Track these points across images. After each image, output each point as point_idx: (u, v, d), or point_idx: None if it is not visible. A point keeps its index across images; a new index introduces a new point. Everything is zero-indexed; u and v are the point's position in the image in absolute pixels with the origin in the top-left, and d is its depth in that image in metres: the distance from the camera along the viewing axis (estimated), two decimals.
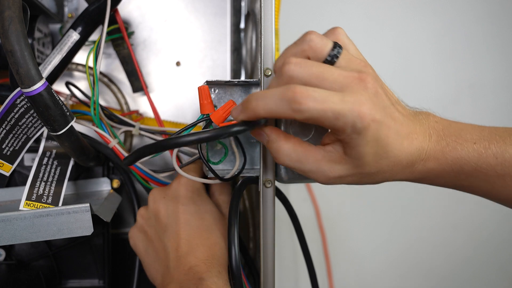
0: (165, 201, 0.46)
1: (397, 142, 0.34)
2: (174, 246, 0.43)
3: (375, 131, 0.33)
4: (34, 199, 0.44)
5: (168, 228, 0.45)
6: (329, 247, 1.06)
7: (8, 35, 0.34)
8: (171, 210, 0.45)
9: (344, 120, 0.32)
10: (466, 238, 1.10)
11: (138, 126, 0.52)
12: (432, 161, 0.36)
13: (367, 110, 0.32)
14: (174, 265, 0.43)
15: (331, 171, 0.36)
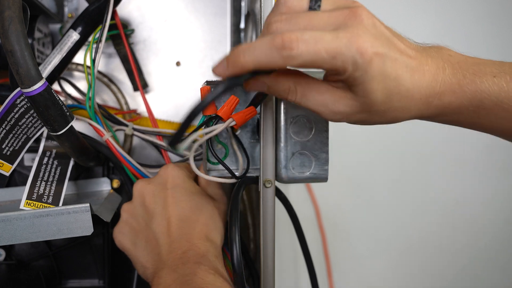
0: (151, 187, 0.44)
1: (407, 75, 0.32)
2: (164, 231, 0.41)
3: (380, 65, 0.30)
4: (34, 199, 0.44)
5: (156, 213, 0.42)
6: (329, 247, 1.06)
7: (8, 35, 0.34)
8: (158, 194, 0.43)
9: (343, 58, 0.30)
10: (467, 238, 1.10)
11: (131, 126, 0.52)
12: (448, 95, 0.33)
13: (366, 43, 0.30)
14: (166, 250, 0.40)
15: (336, 106, 0.33)
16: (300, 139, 0.42)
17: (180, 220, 0.42)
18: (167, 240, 0.41)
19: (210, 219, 0.43)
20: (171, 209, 0.42)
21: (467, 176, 1.08)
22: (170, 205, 0.42)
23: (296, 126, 0.41)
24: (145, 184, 0.45)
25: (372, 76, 0.31)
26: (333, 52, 0.29)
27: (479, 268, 1.10)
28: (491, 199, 1.09)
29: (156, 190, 0.44)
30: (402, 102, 0.33)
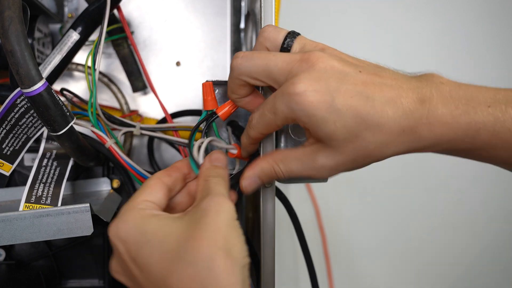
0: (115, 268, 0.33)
1: (375, 109, 0.31)
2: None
3: (324, 103, 0.30)
4: (33, 201, 0.44)
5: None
6: (329, 247, 1.06)
7: (8, 35, 0.34)
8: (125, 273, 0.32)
9: (282, 113, 0.32)
10: (467, 238, 1.10)
11: (138, 126, 0.52)
12: (440, 126, 0.32)
13: (302, 88, 0.31)
14: None
15: (316, 162, 0.34)
16: (300, 139, 0.42)
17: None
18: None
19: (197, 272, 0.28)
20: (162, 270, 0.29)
21: (468, 176, 1.08)
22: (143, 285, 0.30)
23: (296, 126, 0.41)
24: (113, 268, 0.33)
25: (322, 117, 0.31)
26: (272, 110, 0.33)
27: (480, 268, 1.10)
28: (492, 198, 1.09)
29: (124, 272, 0.32)
30: (377, 136, 0.31)
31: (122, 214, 0.32)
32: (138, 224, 0.31)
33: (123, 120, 0.52)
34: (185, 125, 0.53)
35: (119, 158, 0.48)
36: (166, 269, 0.28)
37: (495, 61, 1.05)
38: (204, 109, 0.41)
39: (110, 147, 0.48)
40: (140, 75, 0.60)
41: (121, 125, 0.52)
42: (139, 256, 0.30)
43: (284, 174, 0.36)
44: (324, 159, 0.34)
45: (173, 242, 0.29)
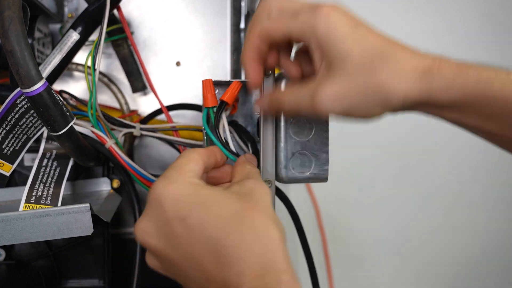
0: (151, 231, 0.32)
1: (394, 46, 0.33)
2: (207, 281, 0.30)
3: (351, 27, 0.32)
4: (33, 201, 0.44)
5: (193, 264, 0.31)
6: (329, 247, 1.06)
7: (8, 35, 0.34)
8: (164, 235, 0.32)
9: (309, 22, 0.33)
10: (468, 238, 1.10)
11: (138, 126, 0.52)
12: (451, 70, 0.32)
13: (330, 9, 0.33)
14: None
15: (324, 91, 0.33)
16: (300, 139, 0.42)
17: (214, 260, 0.29)
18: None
19: (258, 236, 0.30)
20: (190, 250, 0.30)
21: (468, 176, 1.08)
22: (187, 245, 0.30)
23: (296, 126, 0.41)
24: (144, 229, 0.32)
25: (343, 35, 0.32)
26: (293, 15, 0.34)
27: (480, 269, 1.10)
28: (492, 197, 1.09)
29: (160, 233, 0.31)
30: (391, 67, 0.32)
31: (171, 176, 0.32)
32: (191, 187, 0.31)
33: (123, 121, 0.52)
34: (185, 125, 0.53)
35: (119, 158, 0.48)
36: (223, 231, 0.29)
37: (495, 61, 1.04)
38: (204, 106, 0.41)
39: (110, 147, 0.48)
40: (140, 75, 0.60)
41: (121, 126, 0.52)
42: (191, 216, 0.30)
43: (299, 110, 0.36)
44: (331, 86, 0.33)
45: (230, 208, 0.30)
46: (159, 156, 0.61)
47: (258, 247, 0.29)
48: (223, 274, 0.29)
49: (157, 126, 0.53)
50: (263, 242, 0.29)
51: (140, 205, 0.53)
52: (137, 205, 0.54)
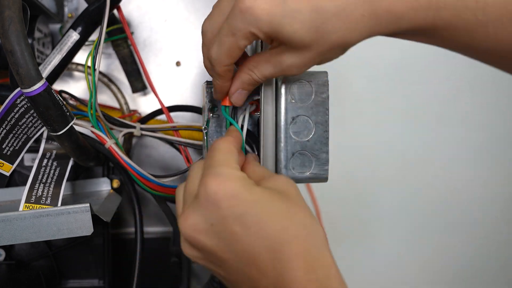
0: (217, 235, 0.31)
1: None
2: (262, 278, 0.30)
3: (280, 8, 0.31)
4: (33, 201, 0.44)
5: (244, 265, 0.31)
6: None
7: (8, 35, 0.34)
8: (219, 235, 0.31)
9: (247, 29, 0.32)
10: (468, 238, 1.10)
11: (139, 126, 0.52)
12: (399, 6, 0.32)
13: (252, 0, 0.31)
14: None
15: (284, 63, 0.34)
16: (300, 139, 0.42)
17: (270, 257, 0.30)
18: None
19: (309, 232, 0.31)
20: (245, 247, 0.30)
21: (469, 176, 1.08)
22: (243, 243, 0.30)
23: (296, 126, 0.41)
24: (194, 225, 0.31)
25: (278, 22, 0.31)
26: (230, 33, 0.33)
27: (480, 269, 1.10)
28: (493, 197, 1.09)
29: (212, 230, 0.31)
30: (337, 25, 0.32)
31: (222, 172, 0.32)
32: (244, 183, 0.32)
33: (123, 121, 0.52)
34: (185, 125, 0.53)
35: (119, 158, 0.48)
36: (278, 228, 0.30)
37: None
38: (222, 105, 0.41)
39: (110, 147, 0.48)
40: (140, 75, 0.60)
41: (121, 126, 0.52)
42: (248, 213, 0.30)
43: (260, 77, 0.37)
44: (291, 59, 0.34)
45: (280, 206, 0.31)
46: (159, 156, 0.61)
47: (310, 243, 0.30)
48: (278, 269, 0.30)
49: (157, 126, 0.53)
50: (313, 238, 0.31)
51: (140, 205, 0.53)
52: (137, 205, 0.54)
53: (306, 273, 0.29)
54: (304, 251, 0.30)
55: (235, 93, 0.38)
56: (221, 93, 0.39)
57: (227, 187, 0.31)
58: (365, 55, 1.06)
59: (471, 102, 1.07)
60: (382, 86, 1.06)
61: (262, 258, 0.30)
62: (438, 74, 1.07)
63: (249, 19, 0.32)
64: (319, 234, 0.31)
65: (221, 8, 0.36)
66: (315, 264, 0.30)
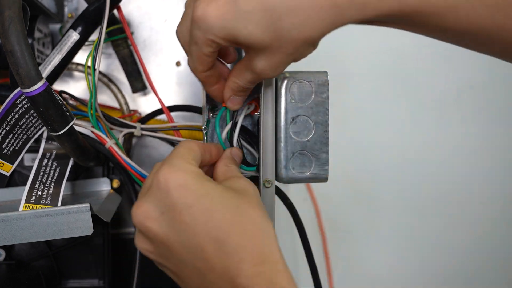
0: (166, 219, 0.32)
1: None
2: (207, 268, 0.31)
3: (232, 12, 0.31)
4: (33, 201, 0.44)
5: (193, 252, 0.31)
6: (329, 247, 1.06)
7: (8, 35, 0.34)
8: (168, 223, 0.32)
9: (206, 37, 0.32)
10: (468, 239, 1.10)
11: (139, 127, 0.52)
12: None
13: (203, 8, 0.32)
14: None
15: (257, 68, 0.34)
16: (300, 139, 0.42)
17: (216, 248, 0.30)
18: (218, 276, 0.30)
19: (258, 228, 0.32)
20: (207, 237, 0.31)
21: (469, 176, 1.08)
22: (203, 233, 0.31)
23: (296, 126, 0.41)
24: (145, 213, 0.32)
25: (232, 26, 0.31)
26: (193, 42, 0.33)
27: (480, 268, 1.10)
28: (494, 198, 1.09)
29: (163, 218, 0.32)
30: (295, 21, 0.31)
31: (176, 163, 0.32)
32: (196, 176, 0.32)
33: (123, 121, 0.52)
34: (186, 125, 0.53)
35: (119, 159, 0.48)
36: (226, 221, 0.31)
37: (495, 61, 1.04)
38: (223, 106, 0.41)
39: (110, 147, 0.48)
40: (140, 75, 0.60)
41: (121, 126, 0.52)
42: (197, 204, 0.31)
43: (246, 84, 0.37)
44: (261, 62, 0.34)
45: (231, 201, 0.32)
46: (159, 156, 0.61)
47: (257, 238, 0.31)
48: (224, 261, 0.30)
49: (157, 126, 0.53)
50: (262, 234, 0.31)
51: None
52: None
53: (252, 267, 0.30)
54: (252, 245, 0.30)
55: (228, 99, 0.39)
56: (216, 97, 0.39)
57: (178, 177, 0.31)
58: (365, 55, 1.06)
59: (471, 102, 1.07)
60: (382, 86, 1.06)
61: (209, 249, 0.30)
62: (438, 74, 1.07)
63: (203, 27, 0.32)
64: (269, 231, 0.32)
65: (187, 13, 0.37)
66: (262, 258, 0.30)
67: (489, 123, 1.07)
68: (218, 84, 0.38)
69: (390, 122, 1.06)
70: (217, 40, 0.32)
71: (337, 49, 1.02)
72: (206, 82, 0.37)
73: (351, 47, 1.05)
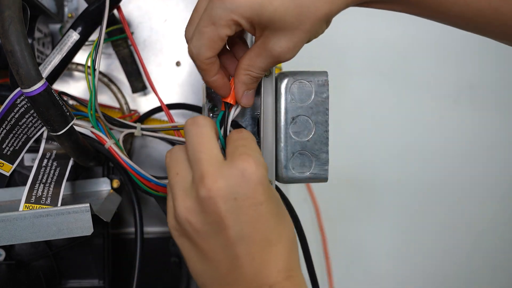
0: (237, 204, 0.32)
1: None
2: (247, 260, 0.32)
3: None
4: (33, 201, 0.44)
5: (241, 240, 0.32)
6: (329, 247, 1.06)
7: (8, 35, 0.34)
8: (245, 214, 0.32)
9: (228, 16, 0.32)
10: (468, 239, 1.10)
11: (139, 127, 0.52)
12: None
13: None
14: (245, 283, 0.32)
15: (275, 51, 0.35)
16: (300, 139, 0.42)
17: (271, 243, 0.32)
18: (250, 268, 0.32)
19: (291, 242, 0.34)
20: (264, 230, 0.32)
21: (467, 175, 1.08)
22: (262, 225, 0.32)
23: (296, 126, 0.41)
24: (223, 195, 0.31)
25: (259, 3, 0.32)
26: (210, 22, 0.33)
27: (480, 269, 1.10)
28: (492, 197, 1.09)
29: (242, 207, 0.32)
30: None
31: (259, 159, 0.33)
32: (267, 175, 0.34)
33: (123, 122, 0.52)
34: None
35: (119, 159, 0.48)
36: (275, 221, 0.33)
37: (495, 61, 1.05)
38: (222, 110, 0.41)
39: (109, 147, 0.48)
40: (140, 75, 0.60)
41: (121, 127, 0.52)
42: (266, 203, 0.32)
43: (259, 73, 0.37)
44: (280, 43, 0.34)
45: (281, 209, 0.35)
46: (159, 156, 0.61)
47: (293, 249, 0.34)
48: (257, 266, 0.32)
49: (158, 126, 0.53)
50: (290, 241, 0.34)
51: (140, 205, 0.53)
52: (137, 205, 0.54)
53: (282, 274, 0.32)
54: (287, 255, 0.33)
55: (242, 97, 0.38)
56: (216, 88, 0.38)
57: (261, 173, 0.32)
58: (365, 54, 1.06)
59: (471, 102, 1.07)
60: (382, 85, 1.06)
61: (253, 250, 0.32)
62: (438, 73, 1.07)
63: (229, 6, 0.32)
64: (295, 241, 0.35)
65: (199, 11, 0.36)
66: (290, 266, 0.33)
67: (489, 123, 1.07)
68: (219, 74, 0.37)
69: (390, 122, 1.06)
70: (240, 20, 0.32)
71: (337, 48, 1.02)
72: (208, 70, 0.36)
73: (351, 47, 1.05)
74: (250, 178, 0.32)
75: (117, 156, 0.48)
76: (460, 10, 0.35)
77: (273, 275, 0.32)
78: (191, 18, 0.37)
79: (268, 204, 0.32)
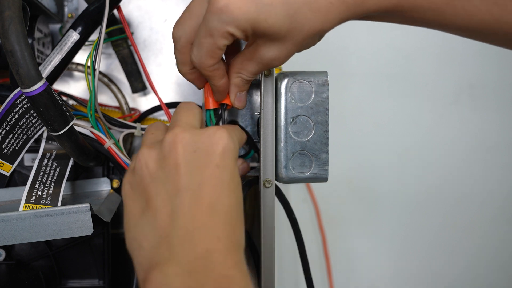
0: (191, 153, 0.32)
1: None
2: (188, 214, 0.31)
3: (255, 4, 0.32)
4: (33, 201, 0.44)
5: (187, 188, 0.32)
6: (329, 247, 1.06)
7: (8, 35, 0.34)
8: (199, 166, 0.32)
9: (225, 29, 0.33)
10: (468, 238, 1.10)
11: (139, 127, 0.52)
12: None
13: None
14: (181, 237, 0.31)
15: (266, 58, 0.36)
16: (300, 139, 0.42)
17: (213, 208, 0.32)
18: (189, 224, 0.31)
19: (241, 218, 0.34)
20: (210, 192, 0.32)
21: (468, 176, 1.08)
22: (211, 187, 0.32)
23: (296, 126, 0.41)
24: (185, 143, 0.33)
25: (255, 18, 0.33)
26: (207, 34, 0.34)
27: (480, 269, 1.10)
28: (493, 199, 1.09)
29: (199, 161, 0.32)
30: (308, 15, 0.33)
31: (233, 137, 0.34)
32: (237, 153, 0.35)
33: (123, 122, 0.52)
34: None
35: (118, 159, 0.48)
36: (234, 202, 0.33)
37: (495, 61, 1.05)
38: (205, 108, 0.41)
39: (109, 147, 0.48)
40: (140, 76, 0.60)
41: (121, 127, 0.52)
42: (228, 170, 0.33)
43: (250, 76, 0.38)
44: (270, 52, 0.36)
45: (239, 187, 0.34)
46: None
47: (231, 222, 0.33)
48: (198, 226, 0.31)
49: None
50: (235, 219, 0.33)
51: None
52: None
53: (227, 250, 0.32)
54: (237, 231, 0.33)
55: (235, 99, 0.39)
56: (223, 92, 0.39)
57: (228, 141, 0.33)
58: (365, 55, 1.06)
59: (471, 102, 1.07)
60: (382, 86, 1.06)
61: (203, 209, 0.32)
62: (438, 73, 1.07)
63: (225, 19, 0.33)
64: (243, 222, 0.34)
65: (192, 12, 0.37)
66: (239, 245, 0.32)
67: (489, 123, 1.07)
68: (225, 77, 0.38)
69: (390, 122, 1.06)
70: (236, 32, 0.33)
71: (337, 49, 1.02)
72: (214, 76, 0.37)
73: (351, 47, 1.05)
74: (215, 142, 0.33)
75: (116, 156, 0.48)
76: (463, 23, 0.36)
77: (212, 241, 0.31)
78: (182, 17, 0.38)
79: (224, 171, 0.32)
